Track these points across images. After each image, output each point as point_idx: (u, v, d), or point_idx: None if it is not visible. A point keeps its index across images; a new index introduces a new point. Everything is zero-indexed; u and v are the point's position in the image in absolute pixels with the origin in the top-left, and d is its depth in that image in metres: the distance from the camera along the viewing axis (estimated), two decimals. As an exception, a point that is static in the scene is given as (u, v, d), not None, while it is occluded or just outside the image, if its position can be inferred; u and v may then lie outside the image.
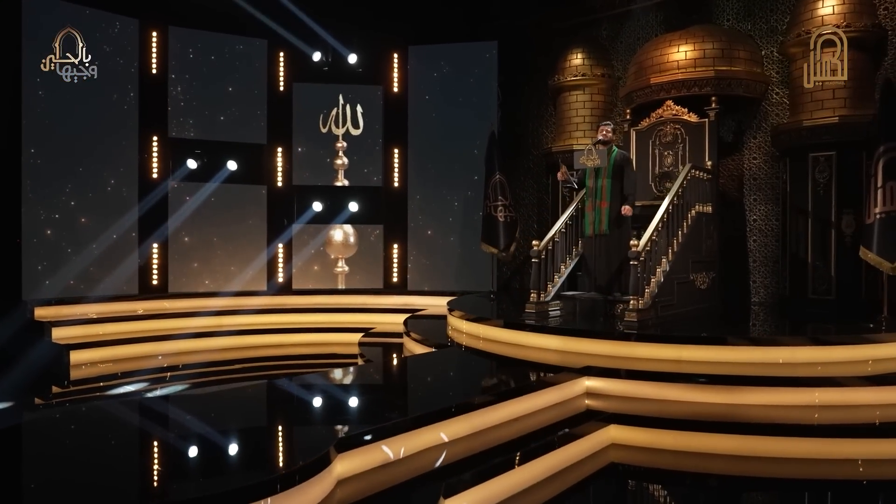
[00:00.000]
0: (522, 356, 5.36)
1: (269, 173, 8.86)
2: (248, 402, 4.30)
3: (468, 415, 3.65)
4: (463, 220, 9.02)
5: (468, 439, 3.61)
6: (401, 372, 5.70)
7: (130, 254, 8.02)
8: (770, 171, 7.32)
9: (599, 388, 4.59)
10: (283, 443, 3.41)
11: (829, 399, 4.29)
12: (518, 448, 3.53)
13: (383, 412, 3.88)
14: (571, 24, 8.79)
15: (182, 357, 7.25)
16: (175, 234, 8.34)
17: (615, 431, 4.09)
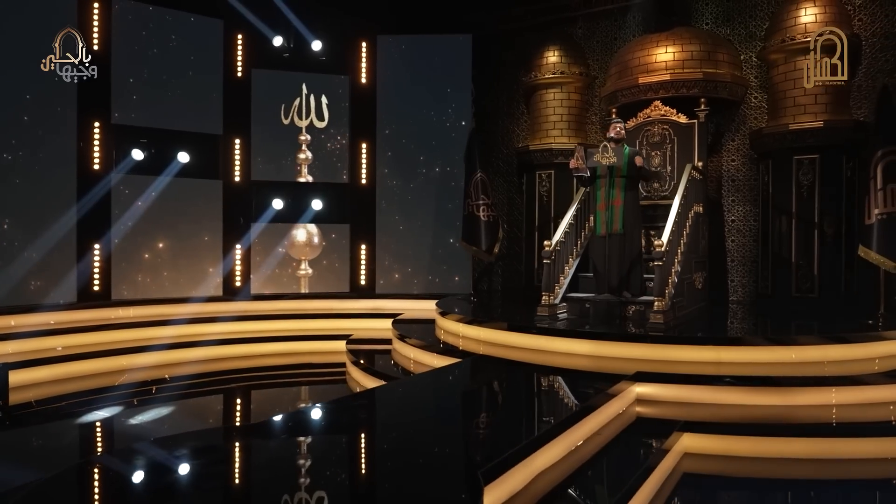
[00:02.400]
0: (548, 362, 5.08)
1: (226, 167, 8.05)
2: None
3: (562, 436, 3.30)
4: (435, 219, 8.63)
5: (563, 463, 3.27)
6: (459, 389, 5.13)
7: (68, 256, 6.99)
8: (748, 172, 7.51)
9: (650, 395, 4.41)
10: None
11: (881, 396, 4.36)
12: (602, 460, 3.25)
13: (501, 441, 3.42)
14: (544, 20, 8.65)
15: (139, 374, 6.37)
16: (120, 234, 7.35)
17: (689, 440, 3.90)
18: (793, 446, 3.83)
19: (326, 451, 3.11)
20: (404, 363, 6.19)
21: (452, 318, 6.54)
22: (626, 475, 3.28)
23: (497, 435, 3.35)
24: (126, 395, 5.74)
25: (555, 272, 6.05)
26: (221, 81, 7.96)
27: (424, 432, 3.37)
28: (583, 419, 3.49)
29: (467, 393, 4.58)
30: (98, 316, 7.03)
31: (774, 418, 4.12)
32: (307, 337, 7.61)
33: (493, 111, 9.01)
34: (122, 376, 6.20)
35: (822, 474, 3.72)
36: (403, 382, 4.73)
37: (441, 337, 6.55)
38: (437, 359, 5.68)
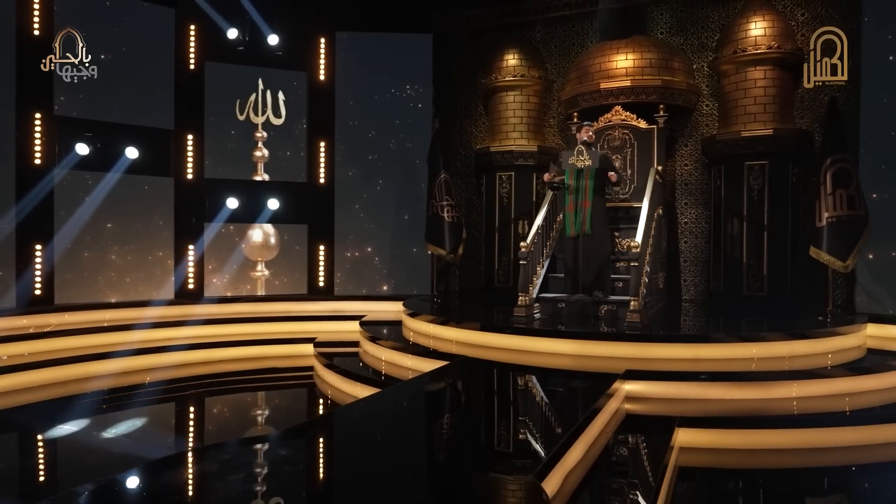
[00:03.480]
0: (533, 362, 5.14)
1: (178, 164, 7.65)
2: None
3: (582, 436, 3.34)
4: (395, 219, 8.56)
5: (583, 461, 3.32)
6: (465, 392, 5.03)
7: (7, 259, 6.45)
8: (701, 177, 7.86)
9: (639, 392, 4.53)
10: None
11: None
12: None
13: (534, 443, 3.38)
14: (503, 23, 8.73)
15: (84, 384, 5.95)
16: (64, 234, 6.86)
17: (683, 435, 4.04)
18: (779, 437, 4.04)
19: (391, 444, 3.00)
20: (375, 364, 6.09)
21: (424, 319, 6.51)
22: (639, 471, 3.37)
23: (530, 437, 3.34)
24: (71, 409, 5.31)
25: (529, 273, 6.13)
26: (173, 73, 7.57)
27: (463, 436, 3.33)
28: (595, 418, 3.55)
29: (478, 397, 4.55)
30: (41, 322, 6.54)
31: (755, 411, 4.33)
32: (267, 341, 7.35)
33: (450, 112, 9.01)
34: (65, 387, 5.77)
35: (807, 463, 3.94)
36: (401, 387, 4.63)
37: (410, 338, 6.50)
38: (414, 360, 5.62)
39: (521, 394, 4.56)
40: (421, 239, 8.44)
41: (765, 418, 4.12)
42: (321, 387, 6.11)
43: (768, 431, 4.04)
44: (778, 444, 4.02)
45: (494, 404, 4.29)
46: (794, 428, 4.06)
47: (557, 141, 8.63)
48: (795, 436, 4.03)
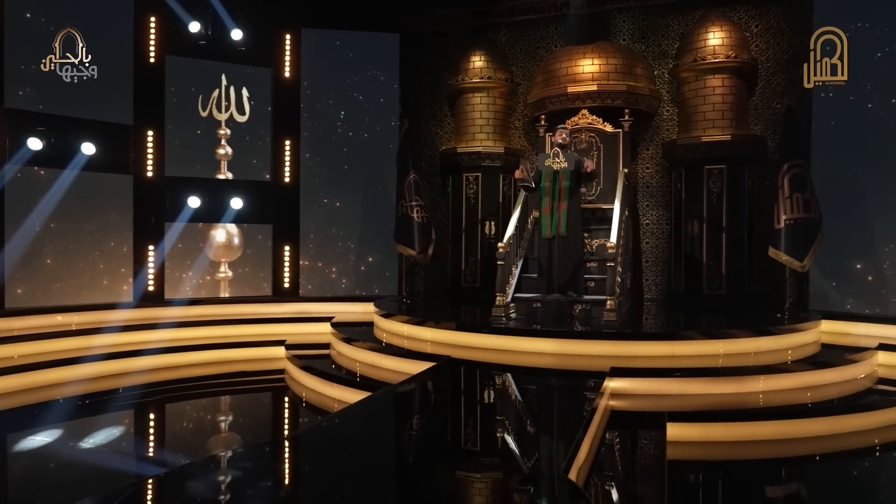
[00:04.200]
0: (517, 362, 5.22)
1: (137, 161, 7.35)
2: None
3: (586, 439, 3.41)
4: (361, 220, 8.48)
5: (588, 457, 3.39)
6: (475, 394, 4.97)
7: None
8: (661, 180, 8.13)
9: (622, 389, 4.66)
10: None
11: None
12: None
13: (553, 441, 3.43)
14: (469, 25, 8.79)
15: (38, 393, 5.65)
16: (15, 234, 6.47)
17: (672, 430, 4.18)
18: (760, 429, 4.24)
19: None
20: (350, 366, 6.04)
21: (399, 320, 6.50)
22: (641, 465, 3.48)
23: (545, 436, 3.40)
24: (32, 419, 5.03)
25: (506, 273, 6.20)
26: (132, 66, 7.27)
27: (486, 436, 3.34)
28: (594, 416, 3.63)
29: (479, 398, 4.58)
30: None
31: (732, 404, 4.54)
32: (233, 344, 7.14)
33: (416, 112, 8.99)
34: (18, 397, 5.46)
35: (785, 453, 4.15)
36: (397, 388, 4.59)
37: (383, 339, 6.47)
38: (396, 361, 5.60)
39: (519, 394, 4.62)
40: (385, 239, 8.41)
41: (746, 411, 4.31)
42: (296, 389, 5.99)
43: (749, 424, 4.23)
44: (758, 436, 4.22)
45: (498, 405, 4.34)
46: (772, 420, 4.27)
47: (523, 143, 8.76)
48: (774, 427, 4.24)
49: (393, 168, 8.36)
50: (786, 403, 4.56)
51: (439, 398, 4.40)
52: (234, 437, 4.77)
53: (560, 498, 2.36)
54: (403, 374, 5.32)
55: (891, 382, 5.35)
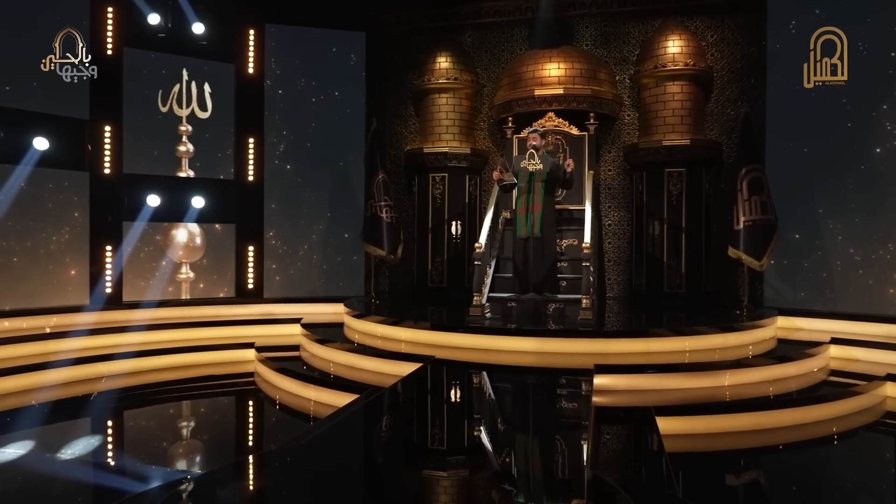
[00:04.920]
0: (498, 361, 5.29)
1: (94, 157, 7.02)
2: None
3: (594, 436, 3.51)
4: (327, 220, 8.37)
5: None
6: (479, 393, 4.95)
7: None
8: (623, 182, 8.39)
9: (606, 385, 4.80)
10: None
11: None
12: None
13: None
14: (434, 26, 8.82)
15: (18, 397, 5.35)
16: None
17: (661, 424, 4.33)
18: (737, 421, 4.45)
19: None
20: (324, 367, 5.97)
21: (373, 320, 6.47)
22: (645, 458, 3.59)
23: (561, 435, 3.47)
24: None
25: (482, 273, 6.26)
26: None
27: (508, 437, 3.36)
28: (591, 413, 3.74)
29: (484, 399, 4.61)
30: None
31: (707, 398, 4.74)
32: (198, 347, 6.91)
33: (380, 112, 8.95)
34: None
35: (762, 443, 4.38)
36: (394, 390, 4.56)
37: (355, 339, 6.43)
38: (376, 362, 5.57)
39: (516, 394, 4.68)
40: (351, 240, 8.36)
41: (725, 404, 4.52)
42: (269, 392, 5.85)
43: (728, 416, 4.43)
44: (737, 427, 4.43)
45: (502, 406, 4.39)
46: (750, 412, 4.49)
47: (488, 144, 8.86)
48: (751, 418, 4.46)
49: (359, 167, 8.30)
50: (752, 396, 4.80)
51: (437, 400, 4.42)
52: (219, 446, 4.63)
53: (597, 497, 2.43)
54: (384, 374, 5.31)
55: (841, 374, 5.70)
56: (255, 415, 5.51)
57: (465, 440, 3.60)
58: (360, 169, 8.39)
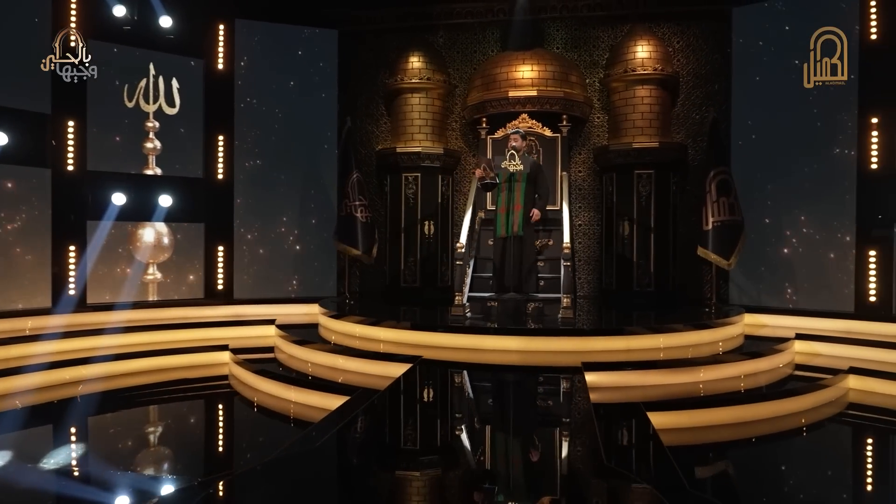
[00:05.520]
0: (485, 360, 5.34)
1: (57, 153, 6.73)
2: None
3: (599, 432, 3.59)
4: (298, 219, 8.26)
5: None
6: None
7: None
8: (593, 183, 8.55)
9: (594, 382, 4.89)
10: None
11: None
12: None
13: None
14: (406, 25, 8.79)
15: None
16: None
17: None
18: (719, 415, 4.61)
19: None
20: (303, 368, 5.91)
21: (351, 320, 6.44)
22: (649, 453, 3.68)
23: (576, 432, 3.51)
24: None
25: (463, 273, 6.30)
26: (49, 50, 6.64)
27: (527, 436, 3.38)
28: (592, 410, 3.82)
29: (490, 397, 4.64)
30: None
31: (686, 393, 4.90)
32: (166, 351, 6.70)
33: (351, 111, 8.86)
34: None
35: (743, 435, 4.55)
36: (395, 392, 4.54)
37: (332, 340, 6.38)
38: (361, 363, 5.54)
39: (518, 393, 4.73)
40: (322, 240, 8.27)
41: (708, 399, 4.68)
42: (248, 394, 5.74)
43: (711, 410, 4.60)
44: (719, 421, 4.59)
45: (508, 406, 4.43)
46: (730, 406, 4.67)
47: (460, 144, 8.89)
48: (731, 412, 4.63)
49: (331, 166, 8.22)
50: (727, 391, 4.99)
51: (442, 402, 4.43)
52: (210, 453, 4.52)
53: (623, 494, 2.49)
54: (370, 375, 5.29)
55: (806, 368, 5.97)
56: (240, 419, 5.38)
57: (489, 441, 3.62)
58: (332, 168, 8.31)
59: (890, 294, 6.60)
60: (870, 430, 4.91)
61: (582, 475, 2.78)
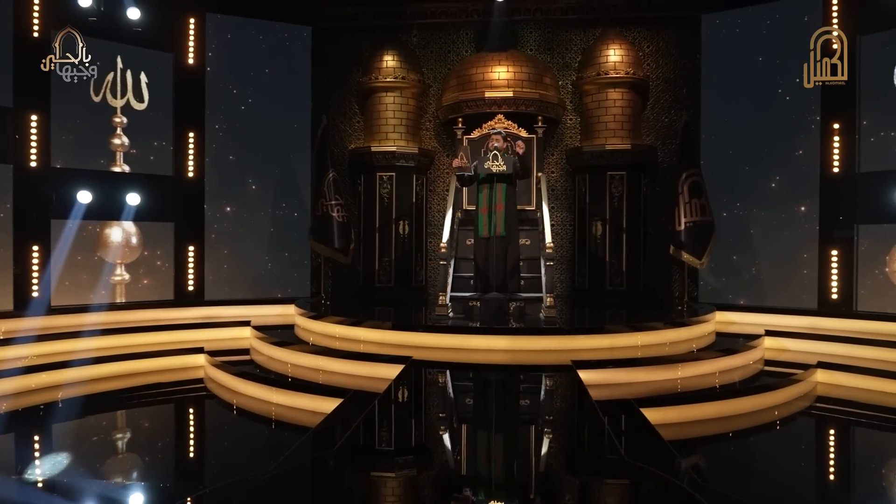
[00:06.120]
0: (470, 360, 5.36)
1: (19, 148, 6.40)
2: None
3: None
4: (270, 218, 8.11)
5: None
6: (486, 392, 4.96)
7: None
8: (566, 184, 8.67)
9: (585, 380, 4.97)
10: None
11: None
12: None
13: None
14: (380, 24, 8.72)
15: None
16: None
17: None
18: (705, 409, 4.75)
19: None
20: (282, 369, 5.81)
21: (331, 321, 6.36)
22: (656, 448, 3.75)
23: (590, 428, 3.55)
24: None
25: (446, 273, 6.30)
26: (11, 41, 6.34)
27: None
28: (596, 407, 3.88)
29: (494, 397, 4.64)
30: None
31: (669, 389, 5.03)
32: (138, 355, 6.46)
33: (324, 109, 8.74)
34: None
35: (729, 428, 4.71)
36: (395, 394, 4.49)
37: (311, 340, 6.30)
38: (342, 364, 5.50)
39: (522, 392, 4.77)
40: (294, 239, 8.16)
41: (694, 394, 4.82)
42: (228, 397, 5.59)
43: (697, 405, 4.73)
44: (706, 416, 4.73)
45: (513, 405, 4.44)
46: (715, 401, 4.82)
47: (434, 144, 8.88)
48: (717, 407, 4.78)
49: (304, 165, 8.12)
50: (705, 387, 5.14)
51: (447, 403, 4.42)
52: (206, 460, 4.38)
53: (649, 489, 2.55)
54: (358, 377, 5.24)
55: (775, 364, 6.20)
56: (229, 424, 5.22)
57: (497, 441, 3.64)
58: (305, 166, 8.19)
59: (851, 291, 6.91)
60: (842, 422, 5.13)
61: (608, 470, 2.83)
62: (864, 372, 5.68)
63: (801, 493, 3.60)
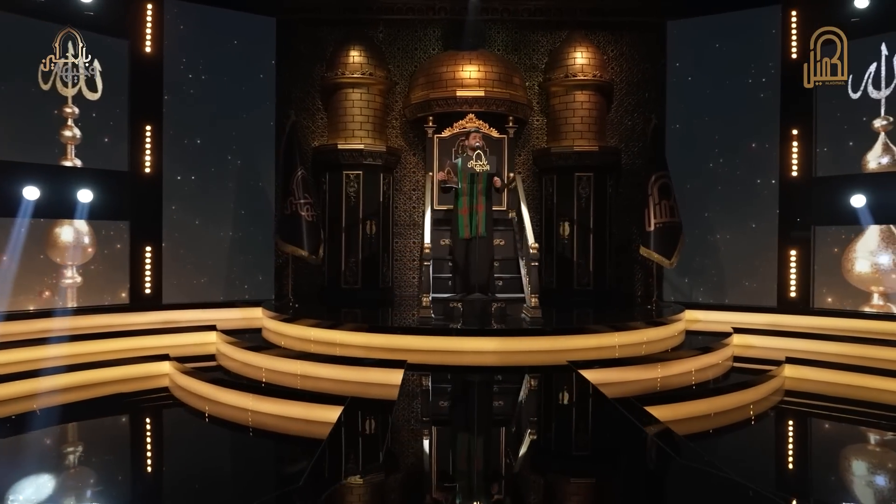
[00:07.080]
0: (462, 362, 5.28)
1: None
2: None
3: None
4: (232, 217, 7.74)
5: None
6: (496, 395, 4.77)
7: None
8: (533, 184, 8.70)
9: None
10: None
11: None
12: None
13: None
14: (344, 18, 8.49)
15: None
16: None
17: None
18: (696, 407, 4.85)
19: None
20: (257, 375, 5.55)
21: (306, 324, 6.13)
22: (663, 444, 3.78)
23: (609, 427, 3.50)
24: None
25: (430, 275, 6.17)
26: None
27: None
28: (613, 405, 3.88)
29: (501, 399, 4.55)
30: None
31: (649, 389, 5.11)
32: (92, 364, 5.98)
33: (286, 104, 8.41)
34: None
35: (720, 424, 4.82)
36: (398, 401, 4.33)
37: (282, 344, 6.05)
38: (329, 369, 5.28)
39: (526, 396, 4.68)
40: (256, 240, 7.84)
41: (686, 392, 4.92)
42: (197, 403, 5.27)
43: (688, 403, 4.83)
44: (697, 413, 4.83)
45: (526, 409, 4.36)
46: (705, 398, 4.94)
47: (400, 142, 8.73)
48: (706, 404, 4.90)
49: (268, 162, 7.82)
50: (681, 385, 5.25)
51: (458, 407, 4.30)
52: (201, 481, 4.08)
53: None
54: (347, 382, 5.06)
55: (744, 360, 6.41)
56: (204, 437, 4.91)
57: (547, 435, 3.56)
58: (269, 164, 7.88)
59: (808, 290, 7.26)
60: (814, 414, 5.36)
61: (673, 468, 2.80)
62: (829, 366, 5.97)
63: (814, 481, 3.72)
